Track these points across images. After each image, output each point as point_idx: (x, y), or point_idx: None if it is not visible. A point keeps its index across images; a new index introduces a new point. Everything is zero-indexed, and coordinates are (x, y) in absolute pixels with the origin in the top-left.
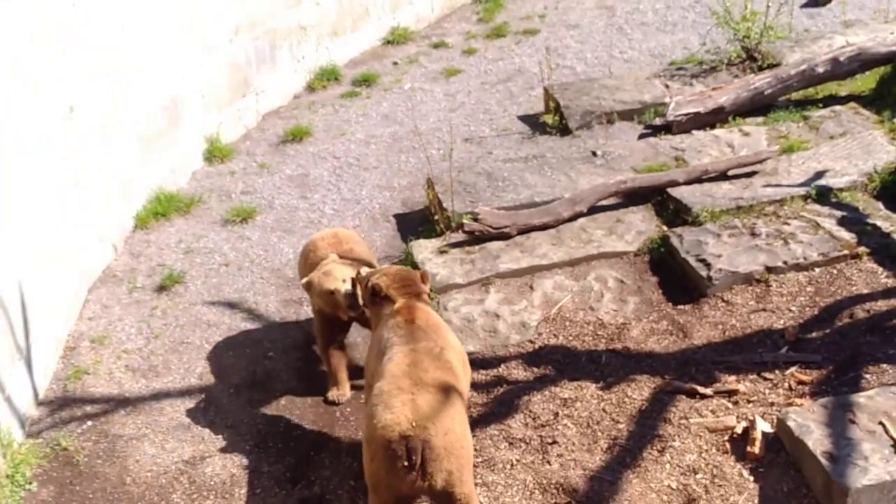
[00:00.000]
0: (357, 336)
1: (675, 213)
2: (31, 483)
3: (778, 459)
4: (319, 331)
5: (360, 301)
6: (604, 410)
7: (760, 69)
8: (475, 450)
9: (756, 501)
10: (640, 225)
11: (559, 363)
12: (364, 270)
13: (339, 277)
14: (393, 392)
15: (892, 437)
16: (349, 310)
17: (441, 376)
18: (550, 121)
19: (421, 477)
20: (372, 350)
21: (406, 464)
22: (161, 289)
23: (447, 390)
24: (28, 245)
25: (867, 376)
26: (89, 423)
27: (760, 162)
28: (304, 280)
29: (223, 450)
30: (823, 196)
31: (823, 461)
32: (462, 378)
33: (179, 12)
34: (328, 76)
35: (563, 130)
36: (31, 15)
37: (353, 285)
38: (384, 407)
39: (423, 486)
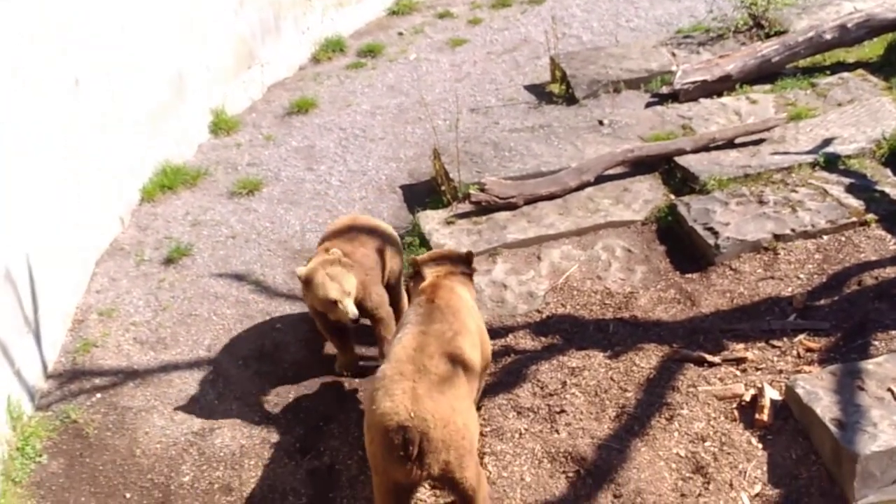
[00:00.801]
0: None
1: (682, 182)
2: (41, 455)
3: (786, 427)
4: (317, 321)
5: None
6: (612, 379)
7: (767, 36)
8: (483, 419)
9: (764, 468)
10: (648, 194)
11: (567, 332)
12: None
13: (345, 288)
14: (395, 378)
15: None
16: (349, 321)
17: (446, 363)
18: (557, 90)
19: (418, 466)
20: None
21: (402, 453)
22: (168, 261)
23: (450, 379)
24: (35, 219)
25: (875, 343)
26: (98, 395)
27: (768, 129)
28: (303, 272)
29: (232, 421)
30: (831, 163)
31: (832, 428)
32: (474, 363)
33: None
34: (333, 47)
35: (570, 100)
36: None
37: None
38: (384, 393)
39: (419, 474)
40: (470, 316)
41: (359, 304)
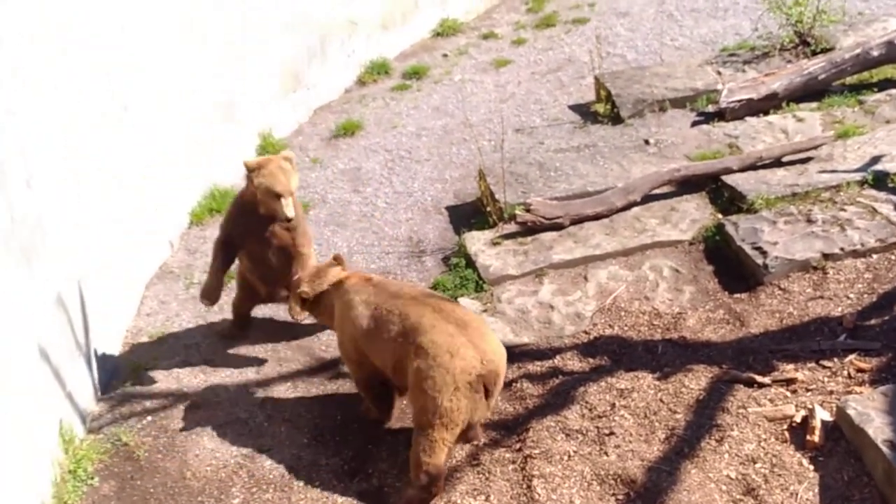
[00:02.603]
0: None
1: (729, 201)
2: (92, 478)
3: (838, 448)
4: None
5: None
6: (661, 400)
7: (814, 54)
8: (532, 442)
9: (816, 490)
10: (695, 213)
11: (615, 354)
12: None
13: (291, 187)
14: (446, 338)
15: None
16: (285, 220)
17: (456, 307)
18: (602, 110)
19: (490, 399)
20: (347, 324)
21: (483, 395)
22: None
23: (472, 316)
24: (86, 244)
25: None
26: (149, 417)
27: (815, 148)
28: (253, 161)
29: (281, 443)
30: (880, 181)
31: (885, 449)
32: None
33: (233, 10)
34: (378, 69)
35: (615, 119)
36: (87, 11)
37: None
38: (449, 354)
39: (488, 405)
40: None
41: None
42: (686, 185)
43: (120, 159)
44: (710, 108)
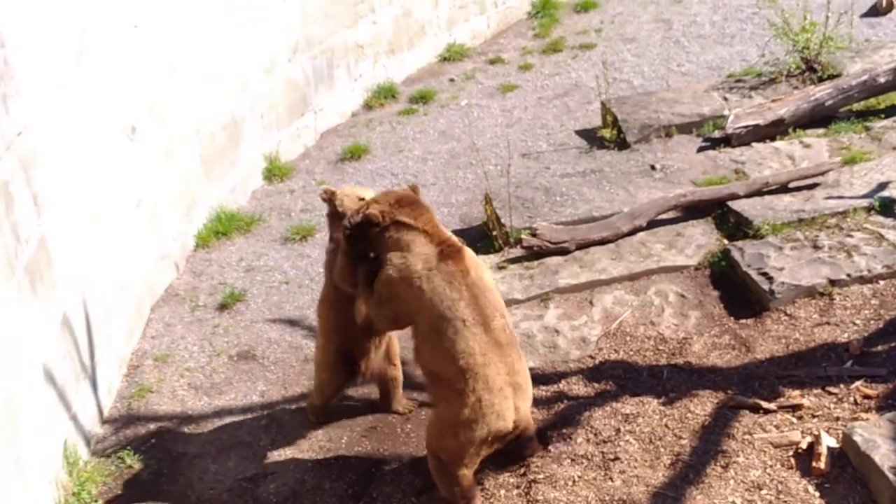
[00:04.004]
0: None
1: (735, 227)
2: (96, 501)
3: (844, 475)
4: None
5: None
6: (666, 426)
7: (820, 80)
8: (536, 467)
9: None
10: (701, 238)
11: (620, 378)
12: None
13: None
14: (500, 402)
15: None
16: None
17: (519, 361)
18: (608, 135)
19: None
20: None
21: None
22: (222, 307)
23: (527, 377)
24: (92, 266)
25: None
26: (153, 440)
27: (822, 174)
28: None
29: (285, 467)
30: (887, 207)
31: (891, 476)
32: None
33: (240, 33)
34: (385, 94)
35: (621, 144)
36: (88, 36)
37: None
38: (497, 416)
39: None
40: (487, 273)
41: None
42: (692, 210)
43: (126, 181)
44: (717, 134)
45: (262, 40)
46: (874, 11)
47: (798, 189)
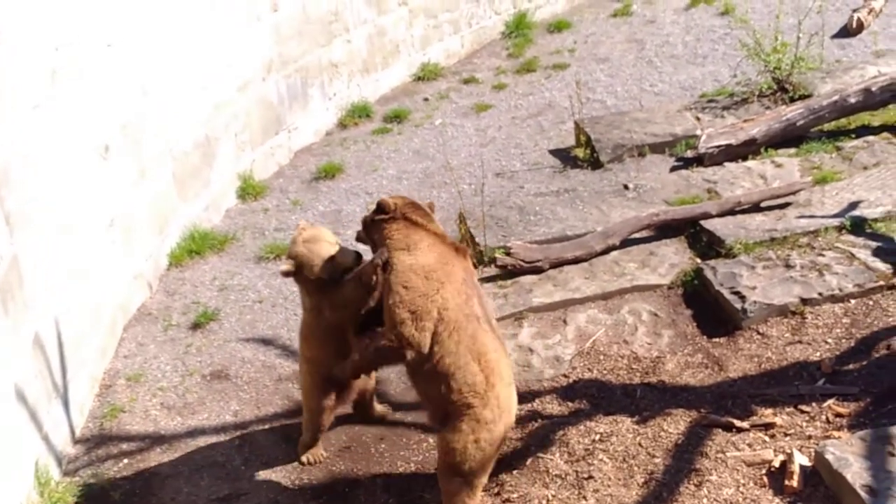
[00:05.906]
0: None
1: (708, 246)
2: None
3: (817, 493)
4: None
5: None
6: (640, 445)
7: (792, 100)
8: (510, 486)
9: None
10: (674, 258)
11: (594, 397)
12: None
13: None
14: (505, 391)
15: None
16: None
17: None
18: (581, 154)
19: None
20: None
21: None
22: (196, 326)
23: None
24: (64, 285)
25: None
26: (125, 460)
27: (794, 193)
28: (288, 259)
29: (258, 487)
30: (858, 227)
31: (863, 494)
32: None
33: (213, 52)
34: (360, 113)
35: (595, 164)
36: (61, 55)
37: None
38: (501, 410)
39: None
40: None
41: None
42: (665, 229)
43: (99, 200)
44: (689, 154)
45: (236, 59)
46: (844, 32)
47: (770, 208)
